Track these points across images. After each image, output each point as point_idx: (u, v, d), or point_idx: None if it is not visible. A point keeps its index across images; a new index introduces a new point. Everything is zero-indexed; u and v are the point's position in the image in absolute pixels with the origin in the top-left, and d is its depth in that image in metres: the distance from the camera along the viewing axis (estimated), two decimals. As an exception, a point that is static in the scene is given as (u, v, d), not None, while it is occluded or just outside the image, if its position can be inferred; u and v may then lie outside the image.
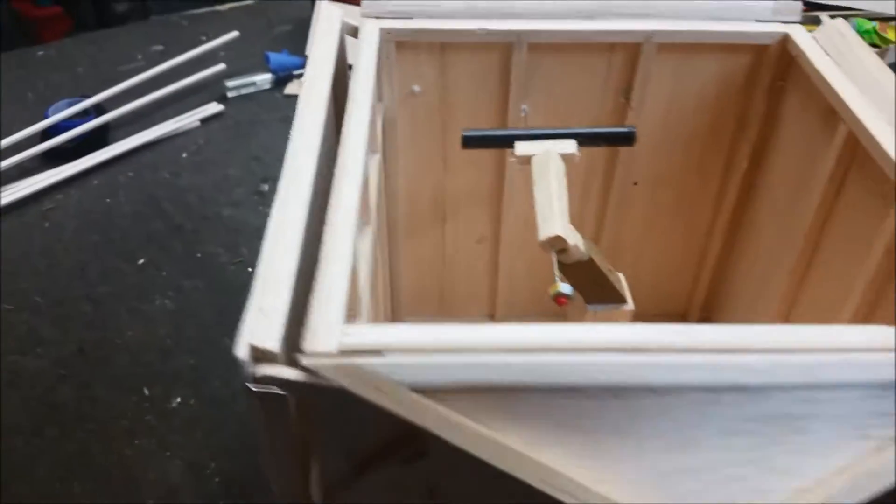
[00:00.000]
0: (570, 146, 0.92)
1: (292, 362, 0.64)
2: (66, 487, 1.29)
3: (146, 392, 1.43)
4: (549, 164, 0.88)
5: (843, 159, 0.98)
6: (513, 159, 0.94)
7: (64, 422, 1.39)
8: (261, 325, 0.63)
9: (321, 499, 0.74)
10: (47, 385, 1.45)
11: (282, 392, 0.63)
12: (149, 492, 1.27)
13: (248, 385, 0.63)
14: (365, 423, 0.67)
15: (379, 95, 1.14)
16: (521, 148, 0.93)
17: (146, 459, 1.32)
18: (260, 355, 0.62)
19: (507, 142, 0.95)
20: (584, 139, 0.94)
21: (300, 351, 0.62)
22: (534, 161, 0.90)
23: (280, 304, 0.66)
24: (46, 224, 1.81)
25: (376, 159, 1.07)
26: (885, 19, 2.28)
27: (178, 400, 1.41)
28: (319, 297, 0.67)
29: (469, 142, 1.01)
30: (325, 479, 0.71)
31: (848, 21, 1.35)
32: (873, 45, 2.16)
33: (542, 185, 0.86)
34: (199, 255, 1.71)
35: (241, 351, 0.62)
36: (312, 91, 0.92)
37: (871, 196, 0.92)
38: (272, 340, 0.63)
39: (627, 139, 0.98)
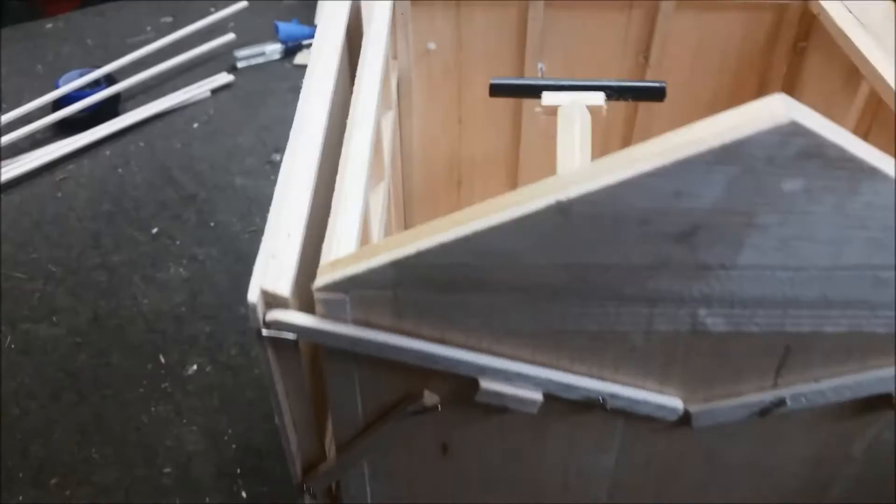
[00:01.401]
0: (597, 98, 0.90)
1: (304, 307, 0.63)
2: (83, 452, 1.29)
3: (162, 359, 1.43)
4: (574, 115, 0.86)
5: (864, 117, 0.96)
6: (538, 109, 0.92)
7: (80, 388, 1.39)
8: (272, 270, 0.63)
9: (335, 453, 0.73)
10: (63, 352, 1.45)
11: (293, 338, 0.63)
12: (165, 458, 1.27)
13: (260, 330, 0.62)
14: (376, 371, 0.66)
15: (393, 53, 1.12)
16: (549, 98, 0.91)
17: (162, 426, 1.32)
18: (271, 300, 0.62)
19: (535, 92, 0.94)
20: (612, 92, 0.92)
21: (312, 294, 0.62)
22: (560, 112, 0.89)
23: (291, 249, 0.64)
24: (59, 194, 1.80)
25: (390, 116, 1.06)
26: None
27: (194, 367, 1.41)
28: (329, 244, 0.66)
29: (497, 90, 0.99)
30: (339, 431, 0.71)
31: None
32: None
33: (567, 136, 0.85)
34: (212, 223, 1.71)
35: (253, 295, 0.61)
36: (325, 43, 0.91)
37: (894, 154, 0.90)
38: (283, 284, 0.62)
39: (657, 94, 0.96)
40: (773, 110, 0.50)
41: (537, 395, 0.64)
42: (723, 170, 0.52)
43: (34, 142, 1.92)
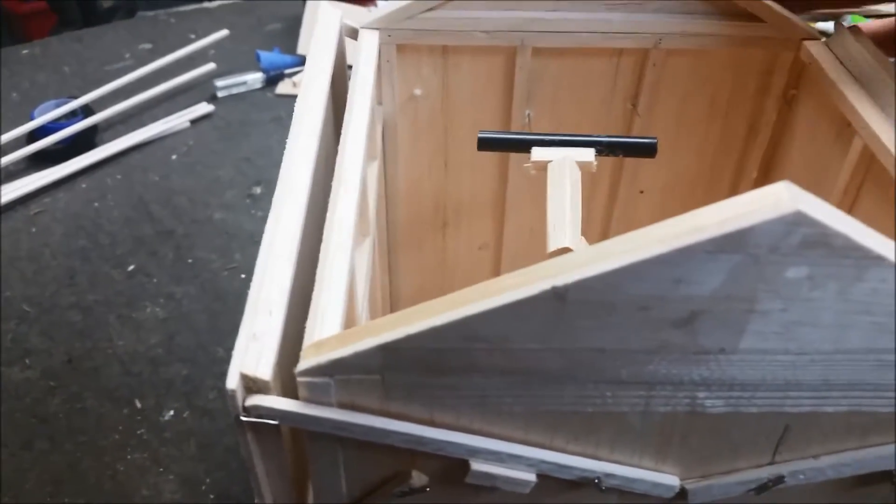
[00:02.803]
0: (587, 154, 0.88)
1: (287, 391, 0.61)
2: (56, 503, 1.25)
3: (138, 404, 1.39)
4: (564, 171, 0.85)
5: (857, 173, 0.95)
6: (527, 165, 0.91)
7: (54, 435, 1.35)
8: (252, 352, 0.60)
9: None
10: (36, 397, 1.41)
11: (274, 422, 0.60)
12: (142, 508, 1.24)
13: (239, 416, 0.60)
14: (362, 452, 0.63)
15: (378, 99, 1.10)
16: (538, 154, 0.90)
17: (139, 475, 1.28)
18: (251, 384, 0.59)
19: (524, 146, 0.92)
20: (603, 148, 0.90)
21: (294, 377, 0.59)
22: (550, 168, 0.87)
23: (273, 328, 0.62)
24: (33, 229, 1.76)
25: (375, 166, 1.04)
26: (881, 16, 2.26)
27: (171, 412, 1.37)
28: (313, 323, 0.63)
29: (485, 144, 0.97)
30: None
31: (843, 18, 1.33)
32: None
33: (557, 193, 0.83)
34: (190, 260, 1.67)
35: (232, 381, 0.58)
36: (309, 97, 0.89)
37: (887, 211, 0.90)
38: (265, 367, 0.59)
39: (649, 150, 0.95)
40: (777, 199, 0.49)
41: (530, 476, 0.62)
42: (725, 258, 0.51)
43: (8, 174, 1.88)
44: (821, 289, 0.52)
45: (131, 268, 1.66)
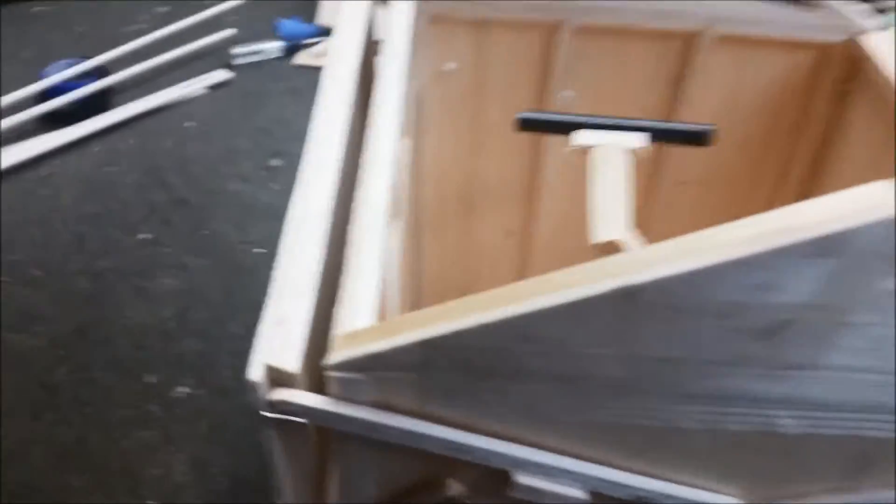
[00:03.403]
0: (641, 140, 0.82)
1: (313, 384, 0.56)
2: (62, 478, 1.21)
3: (149, 379, 1.34)
4: (612, 158, 0.79)
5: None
6: (568, 149, 0.84)
7: (61, 406, 1.31)
8: (278, 340, 0.55)
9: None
10: (44, 365, 1.37)
11: (302, 420, 0.55)
12: (149, 489, 1.19)
13: (264, 412, 0.55)
14: (394, 456, 0.58)
15: (414, 73, 1.04)
16: (583, 137, 0.83)
17: (147, 453, 1.24)
18: (277, 376, 0.54)
19: (569, 129, 0.85)
20: (658, 134, 0.84)
21: (320, 369, 0.54)
22: (594, 153, 0.81)
23: (302, 315, 0.57)
24: (44, 191, 1.71)
25: (407, 144, 0.98)
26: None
27: (183, 389, 1.33)
28: (344, 312, 0.58)
29: (526, 125, 0.90)
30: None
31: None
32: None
33: (604, 180, 0.77)
34: (206, 232, 1.62)
35: (256, 372, 0.53)
36: (338, 68, 0.83)
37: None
38: (292, 358, 0.54)
39: (704, 139, 0.88)
40: (881, 199, 0.43)
41: (581, 493, 0.57)
42: (821, 263, 0.45)
43: (18, 134, 1.82)
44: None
45: (143, 236, 1.60)
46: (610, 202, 0.76)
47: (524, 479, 0.56)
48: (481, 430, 0.56)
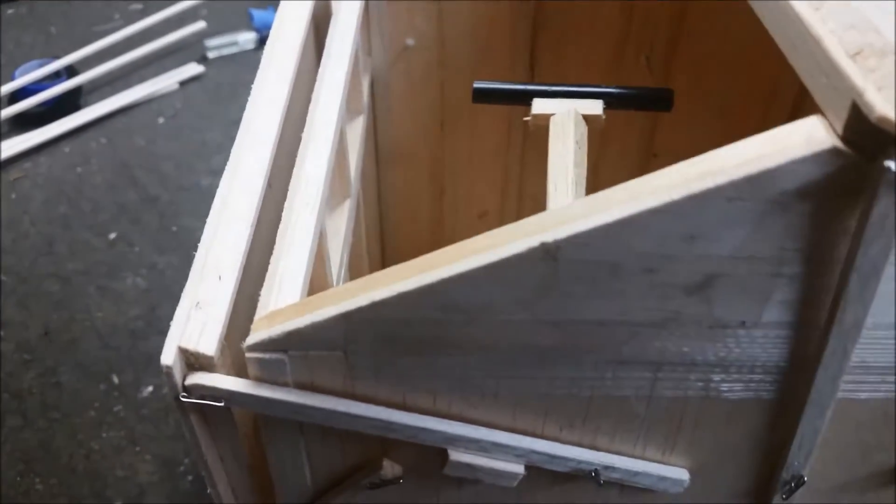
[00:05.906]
0: (595, 107, 0.78)
1: (240, 369, 0.53)
2: (27, 483, 1.18)
3: (115, 380, 1.31)
4: (569, 125, 0.75)
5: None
6: (528, 118, 0.81)
7: (26, 411, 1.28)
8: (194, 322, 0.52)
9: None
10: (9, 370, 1.34)
11: (220, 404, 0.52)
12: (116, 490, 1.16)
13: (179, 396, 0.51)
14: (326, 439, 0.55)
15: (367, 49, 1.01)
16: (540, 106, 0.80)
17: (114, 454, 1.21)
18: (193, 360, 0.51)
19: (524, 98, 0.82)
20: (612, 100, 0.80)
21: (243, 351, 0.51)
22: (552, 121, 0.78)
23: (222, 296, 0.53)
24: (13, 195, 1.68)
25: (360, 122, 0.95)
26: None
27: (150, 388, 1.30)
28: (269, 292, 0.54)
29: (480, 95, 0.87)
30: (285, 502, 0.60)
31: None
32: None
33: (559, 149, 0.74)
34: (174, 228, 1.59)
35: (168, 355, 0.50)
36: (280, 42, 0.80)
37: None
38: (208, 341, 0.51)
39: (663, 102, 0.84)
40: (807, 136, 0.40)
41: (518, 468, 0.54)
42: (746, 207, 0.42)
43: (-13, 138, 1.79)
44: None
45: (113, 236, 1.57)
46: (563, 171, 0.73)
47: (458, 455, 0.53)
48: (412, 407, 0.53)
